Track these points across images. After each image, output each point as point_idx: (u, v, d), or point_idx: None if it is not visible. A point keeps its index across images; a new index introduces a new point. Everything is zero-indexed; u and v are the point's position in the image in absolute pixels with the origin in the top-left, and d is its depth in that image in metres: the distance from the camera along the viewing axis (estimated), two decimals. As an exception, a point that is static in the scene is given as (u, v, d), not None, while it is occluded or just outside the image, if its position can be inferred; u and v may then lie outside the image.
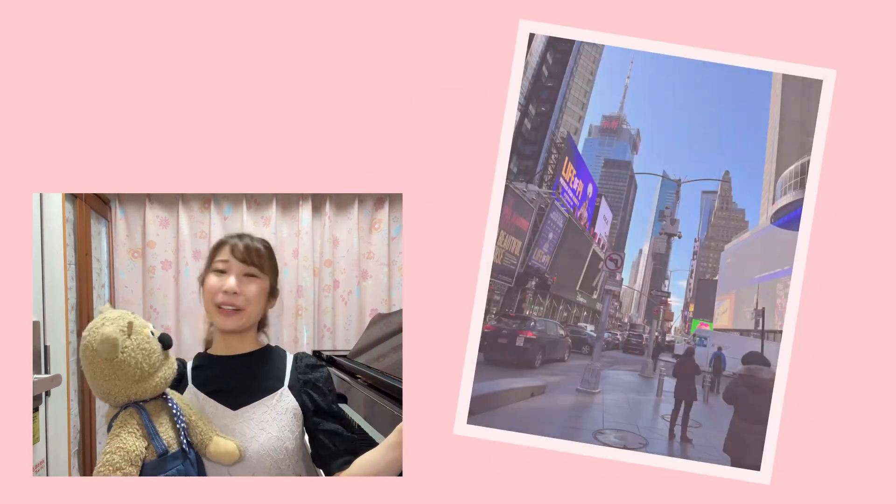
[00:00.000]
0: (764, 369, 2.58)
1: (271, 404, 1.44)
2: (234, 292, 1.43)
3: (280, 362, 1.52)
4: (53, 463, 2.65)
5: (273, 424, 1.41)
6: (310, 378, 1.50)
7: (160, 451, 1.30)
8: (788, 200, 2.00)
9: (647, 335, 3.01)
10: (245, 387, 1.45)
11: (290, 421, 1.44)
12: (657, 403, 3.79)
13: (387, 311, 3.89)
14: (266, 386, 1.46)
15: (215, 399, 1.43)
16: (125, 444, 1.26)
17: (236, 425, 1.40)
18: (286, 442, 1.42)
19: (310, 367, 1.53)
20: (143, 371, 1.28)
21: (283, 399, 1.45)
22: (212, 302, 1.44)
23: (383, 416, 2.18)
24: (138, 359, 1.27)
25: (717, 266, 2.76)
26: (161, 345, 1.32)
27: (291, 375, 1.49)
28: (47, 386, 2.34)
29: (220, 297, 1.43)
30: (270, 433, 1.40)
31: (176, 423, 1.34)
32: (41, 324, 2.58)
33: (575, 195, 3.64)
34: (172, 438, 1.34)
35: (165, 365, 1.34)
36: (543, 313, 2.90)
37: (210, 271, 1.46)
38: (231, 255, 1.46)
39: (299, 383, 1.49)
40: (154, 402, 1.35)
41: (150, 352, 1.30)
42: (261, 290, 1.48)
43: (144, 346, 1.29)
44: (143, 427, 1.31)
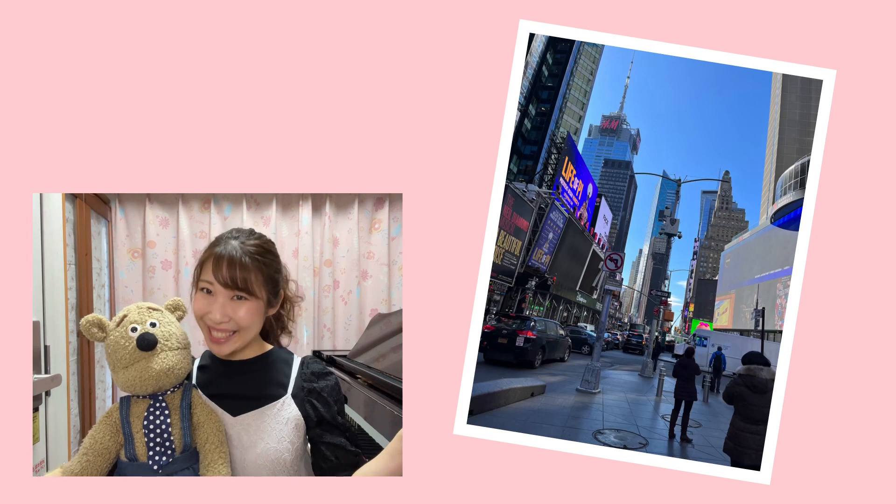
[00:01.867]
0: (764, 369, 2.58)
1: (272, 413, 1.39)
2: (220, 322, 1.34)
3: (285, 367, 1.46)
4: (53, 463, 2.65)
5: (272, 435, 1.37)
6: (315, 387, 1.44)
7: (129, 455, 1.29)
8: (788, 200, 2.01)
9: (647, 335, 3.01)
10: (246, 393, 1.40)
11: (290, 432, 1.39)
12: (657, 403, 3.79)
13: (387, 311, 3.89)
14: (268, 393, 1.41)
15: (216, 403, 1.39)
16: (95, 432, 1.31)
17: (234, 432, 1.37)
18: (284, 454, 1.37)
19: (316, 375, 1.46)
20: (114, 363, 1.31)
21: (284, 408, 1.40)
22: (202, 323, 1.36)
23: (383, 417, 2.18)
24: (111, 350, 1.31)
25: (717, 266, 2.76)
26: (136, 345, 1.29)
27: (296, 383, 1.44)
28: (47, 386, 2.34)
29: (207, 321, 1.35)
30: (268, 444, 1.36)
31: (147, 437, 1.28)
32: (41, 324, 2.58)
33: (575, 195, 3.63)
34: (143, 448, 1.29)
35: (136, 366, 1.29)
36: (543, 313, 2.90)
37: (197, 289, 1.36)
38: (213, 279, 1.33)
39: (304, 392, 1.43)
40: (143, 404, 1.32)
41: (120, 346, 1.30)
42: (252, 310, 1.37)
43: (119, 341, 1.30)
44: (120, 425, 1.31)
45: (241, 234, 1.41)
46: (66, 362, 2.93)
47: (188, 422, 1.32)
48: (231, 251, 1.35)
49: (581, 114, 5.69)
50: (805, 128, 2.24)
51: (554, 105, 5.49)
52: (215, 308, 1.33)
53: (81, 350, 3.31)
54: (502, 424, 1.99)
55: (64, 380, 2.79)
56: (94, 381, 3.53)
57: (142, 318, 1.32)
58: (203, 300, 1.35)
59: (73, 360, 3.17)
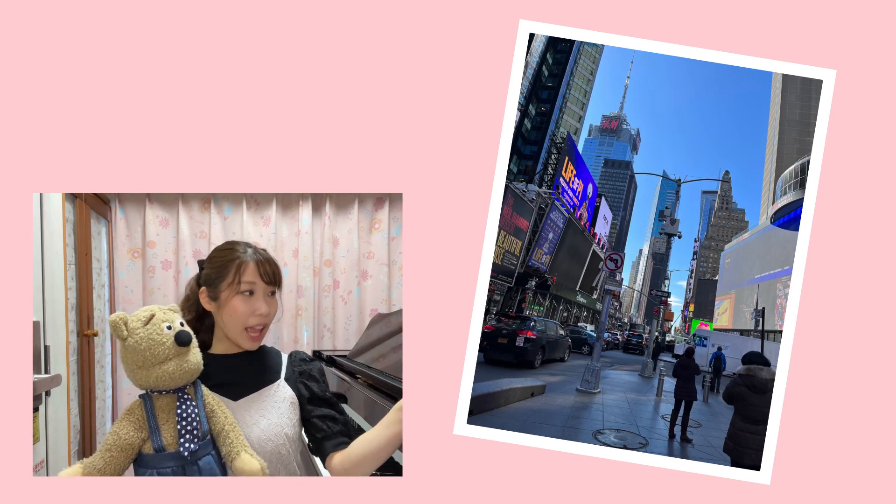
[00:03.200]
0: (764, 369, 2.58)
1: (269, 394, 1.52)
2: (265, 314, 1.50)
3: (276, 358, 1.61)
4: (53, 463, 2.65)
5: (272, 411, 1.50)
6: (304, 369, 1.59)
7: (156, 446, 1.36)
8: (788, 200, 2.02)
9: (647, 335, 3.02)
10: (245, 380, 1.53)
11: (287, 409, 1.52)
12: (657, 403, 3.79)
13: (387, 311, 3.89)
14: (265, 378, 1.55)
15: (218, 392, 1.49)
16: (119, 429, 1.36)
17: (238, 414, 1.48)
18: (285, 428, 1.49)
19: (303, 361, 1.61)
20: (145, 359, 1.36)
21: (280, 389, 1.54)
22: (241, 325, 1.49)
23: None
24: (143, 347, 1.36)
25: (717, 266, 2.77)
26: (175, 341, 1.39)
27: (287, 369, 1.58)
28: (47, 386, 2.34)
29: (252, 321, 1.49)
30: (270, 419, 1.48)
31: (179, 422, 1.36)
32: (41, 324, 2.58)
33: (575, 195, 3.64)
34: (172, 438, 1.36)
35: (174, 361, 1.38)
36: (543, 313, 2.90)
37: (236, 293, 1.48)
38: (258, 278, 1.49)
39: (295, 374, 1.57)
40: (168, 398, 1.39)
41: (157, 343, 1.36)
42: (277, 301, 1.56)
43: (154, 338, 1.37)
44: (145, 419, 1.37)
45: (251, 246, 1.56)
46: (66, 362, 2.93)
47: (203, 410, 1.42)
48: (260, 255, 1.53)
49: (581, 114, 5.68)
50: (805, 128, 2.24)
51: (554, 105, 5.49)
52: (260, 304, 1.49)
53: (81, 350, 3.31)
54: (502, 424, 1.99)
55: (64, 380, 2.79)
56: (94, 381, 3.53)
57: (171, 318, 1.41)
58: (245, 302, 1.48)
59: (73, 360, 3.17)
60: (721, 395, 2.73)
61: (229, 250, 1.52)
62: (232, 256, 1.50)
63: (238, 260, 1.49)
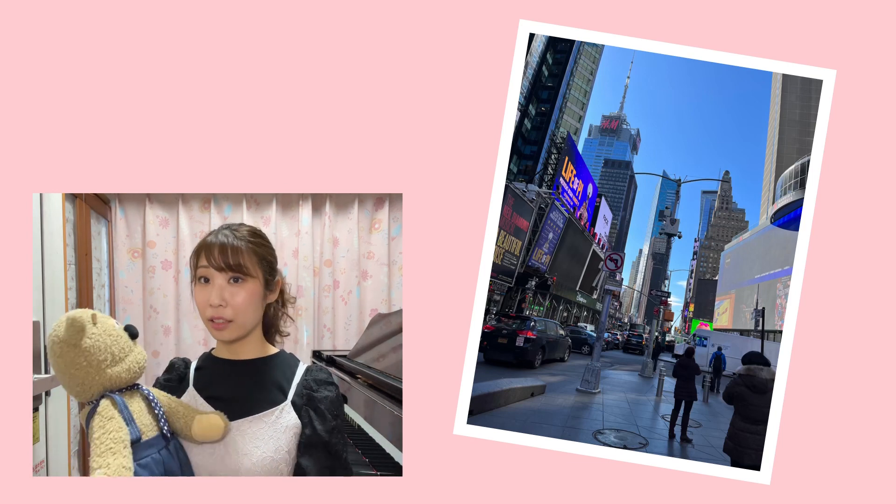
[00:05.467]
0: (764, 369, 2.58)
1: (270, 421, 1.34)
2: (218, 305, 1.32)
3: (288, 372, 1.41)
4: (53, 463, 2.65)
5: (269, 443, 1.33)
6: (315, 396, 1.38)
7: (134, 437, 1.31)
8: (788, 200, 2.01)
9: (647, 335, 3.02)
10: (245, 397, 1.36)
11: (288, 440, 1.34)
12: (657, 403, 3.79)
13: (387, 311, 3.89)
14: (268, 398, 1.37)
15: (213, 406, 1.36)
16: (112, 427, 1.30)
17: (230, 437, 1.33)
18: (280, 464, 1.33)
19: (318, 384, 1.40)
20: (113, 356, 1.31)
21: (283, 415, 1.35)
22: (203, 316, 1.35)
23: (383, 417, 2.18)
24: (107, 342, 1.30)
25: (717, 266, 2.76)
26: (127, 333, 1.35)
27: (297, 388, 1.39)
28: (47, 386, 2.34)
29: (208, 312, 1.33)
30: (265, 452, 1.32)
31: (153, 409, 1.33)
32: (41, 324, 2.58)
33: (575, 195, 3.64)
34: (149, 425, 1.33)
35: (134, 352, 1.36)
36: (543, 313, 2.90)
37: (195, 280, 1.35)
38: (208, 264, 1.33)
39: (303, 399, 1.38)
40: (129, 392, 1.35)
41: (117, 336, 1.33)
42: (250, 295, 1.35)
43: (111, 332, 1.32)
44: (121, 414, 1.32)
45: (230, 226, 1.41)
46: (66, 362, 2.92)
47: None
48: (222, 238, 1.35)
49: (581, 114, 5.68)
50: (805, 128, 2.23)
51: (554, 105, 5.49)
52: (211, 294, 1.32)
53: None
54: (502, 424, 1.99)
55: (64, 380, 2.78)
56: (94, 381, 3.52)
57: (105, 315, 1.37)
58: (202, 290, 1.34)
59: (73, 360, 3.16)
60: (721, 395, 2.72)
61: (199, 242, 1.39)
62: (203, 240, 1.37)
63: (202, 243, 1.36)
